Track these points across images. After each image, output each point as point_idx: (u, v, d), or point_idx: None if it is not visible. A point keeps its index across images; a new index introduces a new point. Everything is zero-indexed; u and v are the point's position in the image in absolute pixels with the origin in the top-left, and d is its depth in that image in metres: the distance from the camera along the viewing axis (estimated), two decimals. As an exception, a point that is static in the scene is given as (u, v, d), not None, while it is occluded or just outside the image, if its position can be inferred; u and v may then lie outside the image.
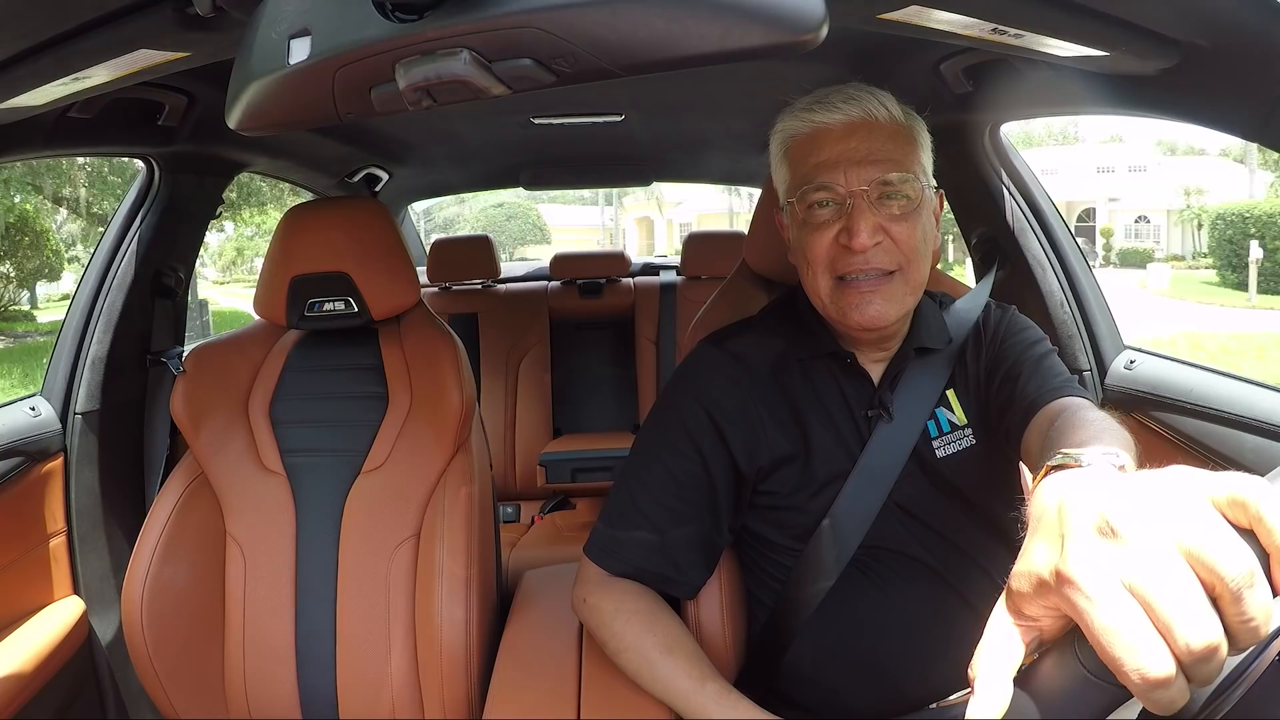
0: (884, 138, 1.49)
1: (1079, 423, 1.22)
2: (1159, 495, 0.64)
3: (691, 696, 1.48)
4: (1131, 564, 0.61)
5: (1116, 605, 0.61)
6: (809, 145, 1.53)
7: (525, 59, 0.91)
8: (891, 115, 1.51)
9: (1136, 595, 0.60)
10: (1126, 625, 0.60)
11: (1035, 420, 1.41)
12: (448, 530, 1.99)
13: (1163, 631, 0.59)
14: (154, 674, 1.93)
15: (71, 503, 2.43)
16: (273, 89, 1.02)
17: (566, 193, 40.07)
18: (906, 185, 1.48)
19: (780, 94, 1.59)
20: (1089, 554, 0.64)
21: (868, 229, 1.45)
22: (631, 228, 54.43)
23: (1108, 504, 0.66)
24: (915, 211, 1.49)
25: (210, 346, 2.22)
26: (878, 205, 1.47)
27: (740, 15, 0.86)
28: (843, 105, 1.51)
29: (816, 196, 1.50)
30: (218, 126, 1.50)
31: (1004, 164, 2.58)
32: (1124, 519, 0.64)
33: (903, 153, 1.50)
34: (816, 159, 1.51)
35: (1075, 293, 2.55)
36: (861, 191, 1.46)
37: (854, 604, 1.55)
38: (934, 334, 1.63)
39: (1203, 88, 1.37)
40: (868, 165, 1.47)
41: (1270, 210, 26.38)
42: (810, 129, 1.53)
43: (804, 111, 1.54)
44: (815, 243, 1.51)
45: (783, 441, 1.59)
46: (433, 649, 1.93)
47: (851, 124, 1.50)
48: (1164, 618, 0.59)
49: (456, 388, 2.09)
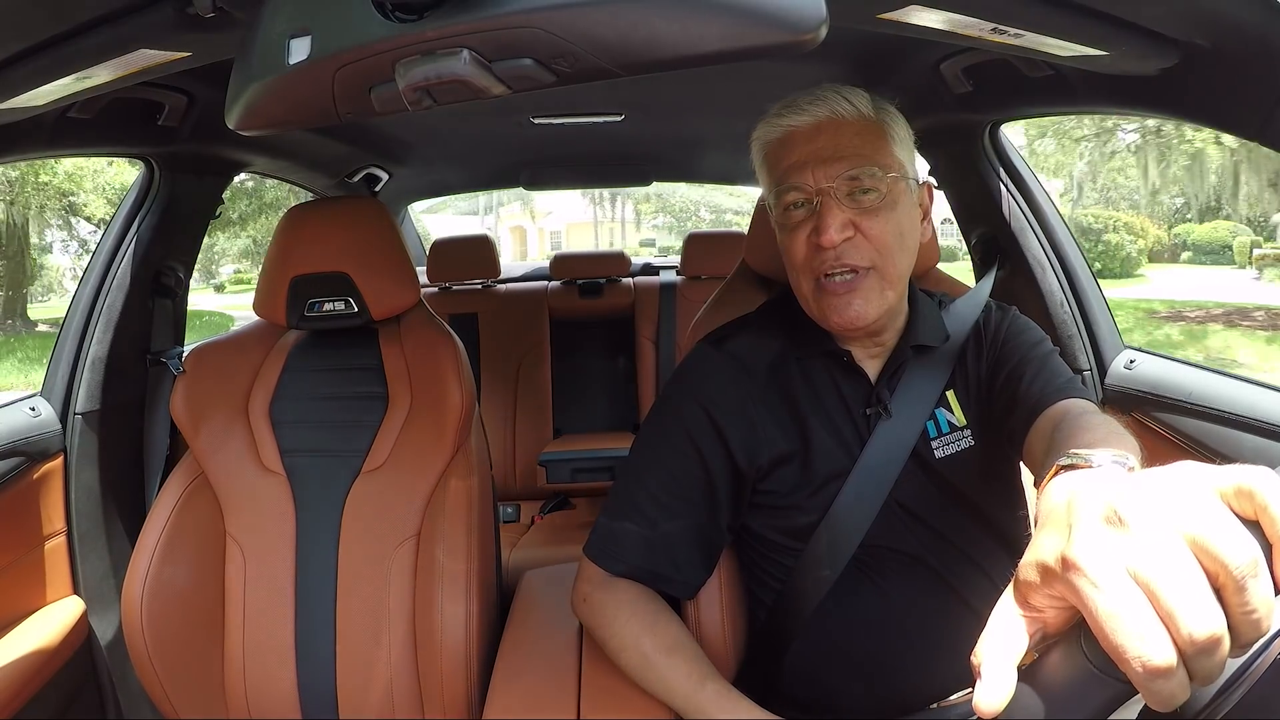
0: (851, 134, 1.50)
1: (1085, 426, 1.22)
2: (1166, 487, 0.64)
3: (691, 697, 1.49)
4: (1137, 552, 0.61)
5: (1121, 592, 0.61)
6: (781, 149, 1.55)
7: (525, 59, 0.91)
8: (859, 111, 1.52)
9: (1141, 583, 0.60)
10: (1130, 613, 0.60)
11: (1038, 422, 1.41)
12: (448, 530, 1.99)
13: (1166, 621, 0.59)
14: (154, 674, 1.93)
15: (71, 503, 2.43)
16: (273, 89, 1.02)
17: (447, 202, 39.89)
18: (875, 179, 1.48)
19: (781, 94, 1.59)
20: (1095, 541, 0.64)
21: (836, 225, 1.45)
22: (506, 236, 55.23)
23: (1116, 496, 0.66)
24: (888, 205, 1.49)
25: (210, 346, 2.22)
26: (846, 201, 1.47)
27: (740, 15, 0.86)
28: (809, 106, 1.52)
29: (789, 198, 1.52)
30: (218, 126, 1.50)
31: (1004, 163, 2.59)
32: (1131, 509, 0.64)
33: (872, 147, 1.50)
34: (788, 161, 1.52)
35: (1075, 292, 2.55)
36: (829, 188, 1.47)
37: (853, 603, 1.56)
38: (931, 332, 1.63)
39: (1202, 87, 1.37)
40: (834, 162, 1.47)
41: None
42: (781, 133, 1.55)
43: (775, 117, 1.56)
44: (792, 245, 1.52)
45: (782, 440, 1.59)
46: (432, 649, 1.93)
47: (818, 124, 1.51)
48: (1168, 606, 0.59)
49: (456, 388, 2.09)
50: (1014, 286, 2.58)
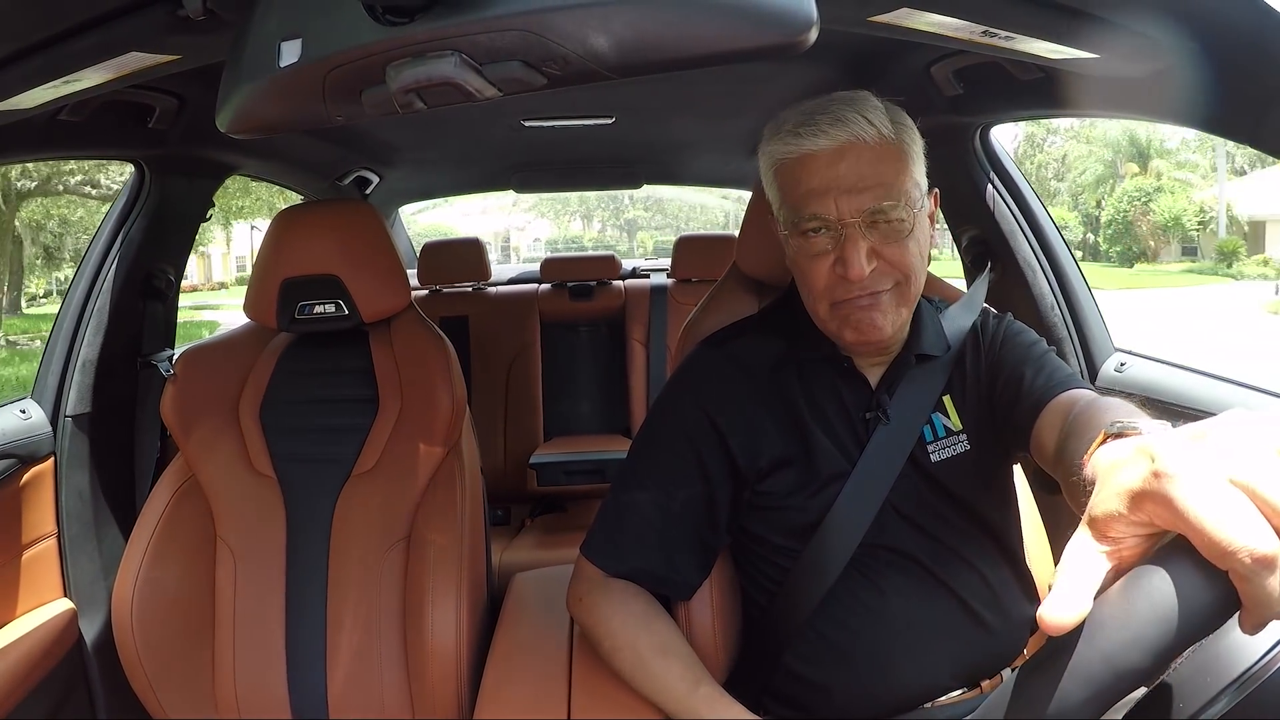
0: (873, 160, 1.46)
1: (1107, 406, 1.23)
2: (1245, 413, 0.67)
3: (684, 699, 1.50)
4: (1231, 460, 0.63)
5: (1223, 492, 0.61)
6: (798, 170, 1.51)
7: (515, 61, 0.92)
8: (880, 134, 1.47)
9: (1239, 485, 0.61)
10: (1234, 509, 0.60)
11: (1045, 414, 1.41)
12: (438, 533, 1.99)
13: (1270, 515, 0.60)
14: (144, 676, 1.93)
15: (62, 505, 2.42)
16: (264, 92, 1.02)
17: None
18: (898, 209, 1.46)
19: (771, 96, 1.60)
20: (1189, 452, 0.65)
21: (861, 258, 1.44)
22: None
23: (1199, 425, 0.68)
24: (909, 232, 1.48)
25: (200, 349, 2.21)
26: (870, 231, 1.46)
27: (731, 18, 0.86)
28: (830, 129, 1.47)
29: (810, 225, 1.48)
30: (208, 129, 1.51)
31: (994, 166, 2.59)
32: (1217, 430, 0.66)
33: (893, 173, 1.47)
34: (806, 186, 1.49)
35: (1066, 295, 2.55)
36: (854, 222, 1.44)
37: (851, 604, 1.56)
38: (933, 341, 1.63)
39: (1194, 90, 1.37)
40: (858, 193, 1.44)
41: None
42: (797, 155, 1.50)
43: (790, 136, 1.51)
44: (814, 272, 1.50)
45: (781, 443, 1.60)
46: (423, 651, 1.93)
47: (839, 149, 1.47)
48: (1272, 501, 0.60)
49: (447, 390, 2.09)
50: (1004, 289, 2.58)
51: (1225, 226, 39.55)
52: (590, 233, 67.79)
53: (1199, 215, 40.42)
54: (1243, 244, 37.09)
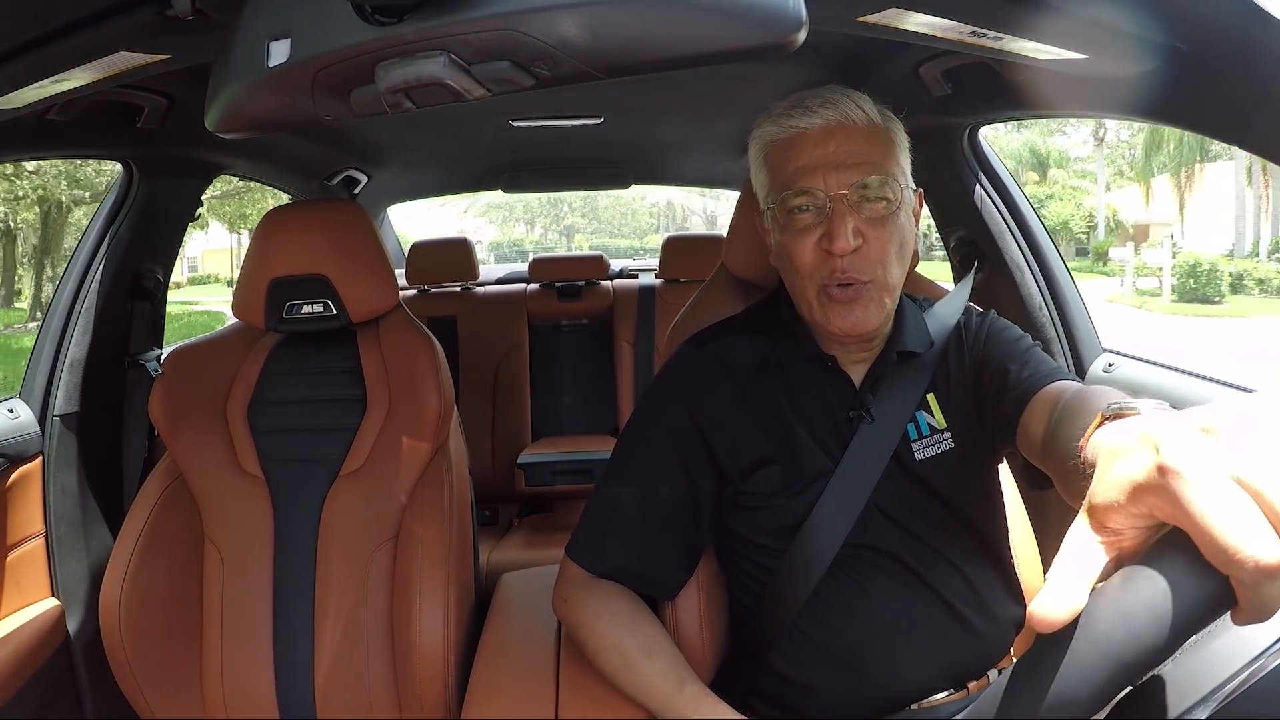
0: (861, 140, 1.49)
1: (1097, 393, 1.22)
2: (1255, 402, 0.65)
3: (670, 699, 1.49)
4: (1238, 458, 0.61)
5: (1229, 493, 0.60)
6: (787, 150, 1.53)
7: (504, 61, 0.92)
8: (868, 117, 1.51)
9: (1245, 486, 0.60)
10: (1240, 512, 0.59)
11: (1032, 404, 1.41)
12: (426, 533, 1.99)
13: (1277, 524, 0.59)
14: (131, 676, 1.92)
15: (49, 505, 2.41)
16: (252, 91, 1.02)
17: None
18: (885, 188, 1.48)
19: (760, 96, 1.60)
20: (1194, 447, 0.64)
21: (848, 231, 1.45)
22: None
23: (1203, 414, 0.66)
24: (893, 214, 1.49)
25: (188, 349, 2.21)
26: (857, 208, 1.47)
27: (720, 17, 0.86)
28: (819, 109, 1.50)
29: (797, 201, 1.50)
30: (197, 129, 1.50)
31: (983, 166, 2.59)
32: (1226, 421, 0.64)
33: (880, 154, 1.50)
34: (795, 164, 1.51)
35: (1054, 295, 2.56)
36: (841, 195, 1.46)
37: (836, 604, 1.56)
38: (916, 338, 1.64)
39: (1182, 90, 1.37)
40: (846, 169, 1.47)
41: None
42: (788, 134, 1.53)
43: (781, 117, 1.54)
44: (799, 249, 1.51)
45: (764, 442, 1.60)
46: (411, 651, 1.93)
47: (829, 127, 1.50)
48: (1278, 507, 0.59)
49: (435, 390, 2.09)
50: (993, 289, 2.59)
51: (1105, 230, 42.00)
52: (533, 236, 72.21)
53: (1087, 220, 43.46)
54: (1117, 244, 39.37)
